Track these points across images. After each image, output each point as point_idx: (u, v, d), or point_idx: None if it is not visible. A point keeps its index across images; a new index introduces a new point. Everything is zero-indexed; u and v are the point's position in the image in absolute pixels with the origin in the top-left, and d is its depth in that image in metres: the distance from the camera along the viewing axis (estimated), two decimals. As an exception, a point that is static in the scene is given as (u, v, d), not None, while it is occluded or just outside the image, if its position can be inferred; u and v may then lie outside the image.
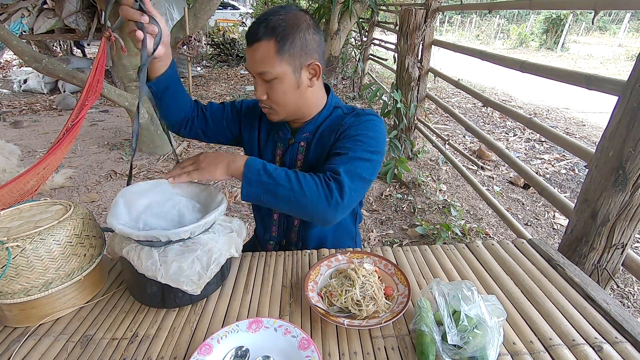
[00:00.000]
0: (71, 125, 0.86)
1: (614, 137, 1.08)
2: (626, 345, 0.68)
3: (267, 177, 0.78)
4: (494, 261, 0.94)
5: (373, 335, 0.72)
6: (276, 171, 0.79)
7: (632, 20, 15.06)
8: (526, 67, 1.73)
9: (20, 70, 6.60)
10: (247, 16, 11.73)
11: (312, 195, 0.77)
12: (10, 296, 0.72)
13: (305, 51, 0.84)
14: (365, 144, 0.87)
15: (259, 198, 0.79)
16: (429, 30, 2.97)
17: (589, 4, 1.47)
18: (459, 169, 2.76)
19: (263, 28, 0.81)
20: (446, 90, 6.50)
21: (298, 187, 0.77)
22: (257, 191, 0.78)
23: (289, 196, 0.77)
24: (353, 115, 0.95)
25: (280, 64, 0.82)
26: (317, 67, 0.87)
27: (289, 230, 1.06)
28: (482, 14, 17.29)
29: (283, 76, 0.84)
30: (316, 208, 0.77)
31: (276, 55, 0.81)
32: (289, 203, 0.78)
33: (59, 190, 2.91)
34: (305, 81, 0.88)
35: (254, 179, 0.78)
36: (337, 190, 0.78)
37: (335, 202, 0.77)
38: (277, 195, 0.78)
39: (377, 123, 0.92)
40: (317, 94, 0.95)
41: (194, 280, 0.72)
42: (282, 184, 0.77)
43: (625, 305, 1.84)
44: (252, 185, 0.78)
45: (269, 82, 0.85)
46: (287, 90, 0.86)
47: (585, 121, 4.86)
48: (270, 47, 0.81)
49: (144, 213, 0.81)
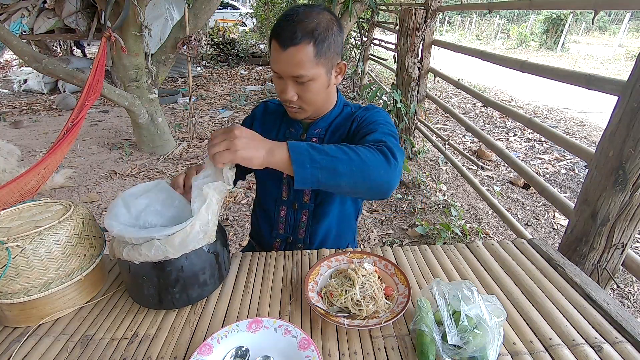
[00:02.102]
0: (71, 126, 0.86)
1: (614, 137, 1.08)
2: (626, 345, 0.68)
3: (319, 155, 0.71)
4: (494, 261, 0.94)
5: (373, 335, 0.72)
6: (325, 147, 0.73)
7: (632, 20, 15.06)
8: (526, 67, 1.73)
9: (20, 70, 6.60)
10: (247, 16, 11.73)
11: (373, 161, 0.73)
12: (10, 296, 0.72)
13: (336, 52, 0.86)
14: (384, 126, 0.90)
15: (317, 180, 0.71)
16: (429, 30, 2.97)
17: (589, 4, 1.47)
18: (459, 169, 2.76)
19: (300, 31, 0.79)
20: (446, 90, 6.50)
21: (356, 157, 0.72)
22: (313, 173, 0.70)
23: (350, 168, 0.71)
24: (363, 109, 0.99)
25: (317, 67, 0.83)
26: (343, 66, 0.91)
27: (296, 226, 1.06)
28: (482, 14, 17.29)
29: (318, 77, 0.85)
30: (380, 173, 0.73)
31: (314, 58, 0.81)
32: (351, 176, 0.72)
33: (59, 190, 2.91)
34: (333, 80, 0.91)
35: (306, 160, 0.70)
36: (389, 153, 0.76)
37: (394, 164, 0.75)
38: (336, 171, 0.71)
39: (387, 115, 0.98)
40: (333, 92, 0.99)
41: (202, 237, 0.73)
42: (338, 157, 0.72)
43: (625, 305, 1.84)
44: (306, 168, 0.70)
45: (303, 84, 0.85)
46: (320, 90, 0.88)
47: (585, 121, 4.86)
48: (309, 51, 0.80)
49: (144, 212, 0.81)
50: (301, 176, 0.70)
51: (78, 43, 7.08)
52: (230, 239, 2.36)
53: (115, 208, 0.77)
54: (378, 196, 0.79)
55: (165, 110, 4.95)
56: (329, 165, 0.71)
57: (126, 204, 0.80)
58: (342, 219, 1.07)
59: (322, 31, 0.81)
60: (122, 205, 0.79)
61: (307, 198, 1.03)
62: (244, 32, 10.32)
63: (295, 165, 0.70)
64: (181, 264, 0.74)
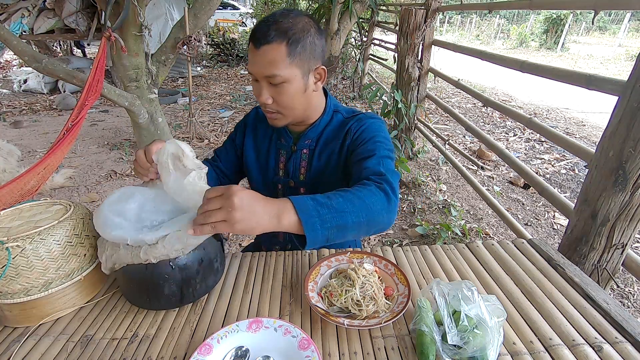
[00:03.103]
0: (71, 125, 0.86)
1: (614, 137, 1.08)
2: (626, 345, 0.68)
3: (328, 213, 0.67)
4: (494, 261, 0.94)
5: (373, 335, 0.72)
6: (330, 200, 0.69)
7: (632, 20, 15.06)
8: (526, 67, 1.73)
9: (20, 70, 6.60)
10: (247, 16, 11.74)
11: (376, 205, 0.72)
12: (10, 296, 0.72)
13: (313, 55, 0.84)
14: (382, 144, 0.89)
15: (327, 239, 0.68)
16: (429, 30, 2.97)
17: (589, 4, 1.47)
18: (459, 169, 2.76)
19: (274, 30, 0.79)
20: (446, 90, 6.50)
21: (361, 205, 0.70)
22: (324, 233, 0.66)
23: (358, 220, 0.69)
24: (356, 120, 0.95)
25: (290, 67, 0.81)
26: (322, 72, 0.88)
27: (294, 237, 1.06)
28: (482, 14, 17.28)
29: (292, 79, 0.83)
30: (383, 216, 0.72)
31: (287, 58, 0.80)
32: (359, 227, 0.70)
33: (59, 190, 2.91)
34: (311, 85, 0.88)
35: (316, 222, 0.66)
36: (390, 189, 0.75)
37: (394, 201, 0.75)
38: (346, 226, 0.68)
39: (382, 124, 0.96)
40: (320, 98, 0.96)
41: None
42: (346, 210, 0.68)
43: (625, 305, 1.84)
44: (316, 230, 0.66)
45: (277, 86, 0.83)
46: (296, 94, 0.86)
47: (585, 121, 4.86)
48: (281, 50, 0.79)
49: (143, 212, 0.78)
50: (312, 240, 0.66)
51: (78, 43, 7.08)
52: (230, 239, 2.36)
53: (108, 220, 0.72)
54: (380, 231, 0.78)
55: (165, 110, 4.95)
56: (338, 223, 0.67)
57: (117, 212, 0.75)
58: None
59: (296, 32, 0.80)
60: (113, 215, 0.74)
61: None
62: (244, 32, 10.32)
63: (306, 229, 0.65)
64: (180, 263, 0.74)
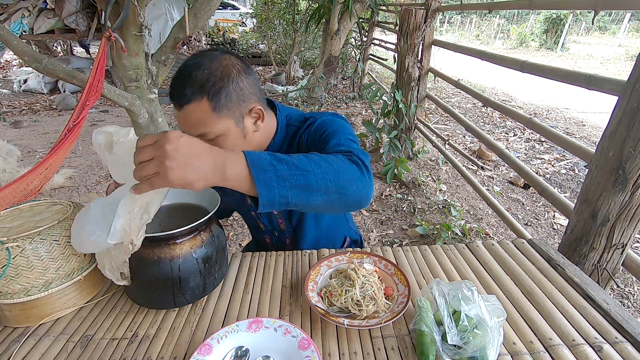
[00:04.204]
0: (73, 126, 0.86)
1: (614, 137, 1.08)
2: (626, 345, 0.68)
3: (288, 170, 0.58)
4: (494, 261, 0.94)
5: (373, 335, 0.72)
6: (292, 158, 0.60)
7: (632, 20, 15.06)
8: (526, 67, 1.72)
9: (20, 70, 6.60)
10: (247, 16, 11.74)
11: (347, 173, 0.63)
12: (10, 296, 0.72)
13: (242, 99, 0.76)
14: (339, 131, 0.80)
15: (287, 201, 0.58)
16: (429, 30, 2.97)
17: (589, 4, 1.47)
18: (459, 169, 2.76)
19: (189, 88, 0.71)
20: (446, 90, 6.50)
21: (330, 169, 0.61)
22: (282, 193, 0.57)
23: (325, 183, 0.60)
24: (306, 126, 0.88)
25: (220, 121, 0.73)
26: (259, 111, 0.80)
27: (284, 247, 1.07)
28: (482, 14, 17.29)
29: (227, 131, 0.75)
30: (357, 187, 0.63)
31: (213, 112, 0.72)
32: (326, 192, 0.60)
33: (59, 190, 2.91)
34: (250, 128, 0.80)
35: (271, 178, 0.56)
36: (361, 163, 0.67)
37: (367, 174, 0.66)
38: (310, 189, 0.59)
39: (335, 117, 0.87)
40: (267, 128, 0.86)
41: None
42: (310, 170, 0.59)
43: (625, 305, 1.84)
44: (272, 187, 0.56)
45: (213, 140, 0.75)
46: (236, 142, 0.78)
47: (585, 121, 4.86)
48: (203, 107, 0.71)
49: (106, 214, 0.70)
50: (267, 198, 0.56)
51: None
52: (230, 239, 2.36)
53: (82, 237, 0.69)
54: (353, 210, 0.70)
55: (165, 110, 4.95)
56: (299, 182, 0.58)
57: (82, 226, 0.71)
58: (328, 226, 1.07)
59: (215, 82, 0.71)
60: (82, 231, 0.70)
61: (282, 225, 1.02)
62: (244, 32, 10.32)
63: (258, 184, 0.55)
64: (178, 262, 0.74)
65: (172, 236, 0.73)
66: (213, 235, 0.81)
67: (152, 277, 0.74)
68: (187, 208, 0.89)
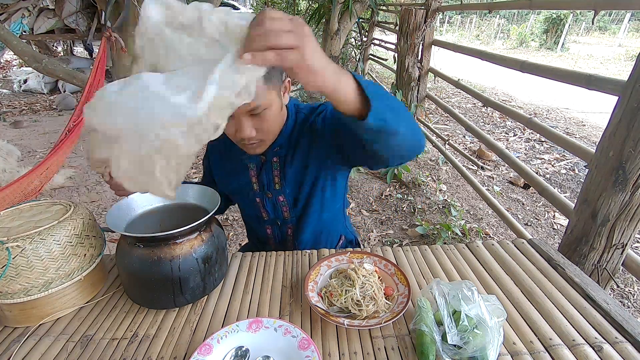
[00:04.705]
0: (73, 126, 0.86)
1: (614, 137, 1.08)
2: (626, 345, 0.68)
3: (381, 90, 0.60)
4: (494, 261, 0.94)
5: (373, 335, 0.72)
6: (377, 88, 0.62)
7: (632, 20, 15.07)
8: (526, 67, 1.73)
9: (20, 70, 6.60)
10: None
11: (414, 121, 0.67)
12: (10, 296, 0.72)
13: (280, 70, 0.78)
14: None
15: (385, 117, 0.59)
16: (429, 30, 2.97)
17: (589, 4, 1.48)
18: (459, 169, 2.76)
19: None
20: (446, 90, 6.50)
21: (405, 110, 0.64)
22: (382, 107, 0.58)
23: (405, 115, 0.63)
24: (316, 113, 0.92)
25: (269, 93, 0.76)
26: (288, 84, 0.84)
27: (284, 240, 1.07)
28: (482, 14, 17.29)
29: (272, 103, 0.78)
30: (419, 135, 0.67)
31: (264, 84, 0.73)
32: (406, 125, 0.62)
33: (59, 190, 2.91)
34: (284, 100, 0.84)
35: (375, 93, 0.57)
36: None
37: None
38: (398, 116, 0.61)
39: None
40: (284, 108, 0.90)
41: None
42: (397, 104, 0.63)
43: (625, 305, 1.84)
44: (378, 99, 0.57)
45: (258, 115, 0.76)
46: (276, 115, 0.81)
47: (585, 121, 4.86)
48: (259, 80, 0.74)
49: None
50: (376, 108, 0.56)
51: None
52: (230, 239, 2.36)
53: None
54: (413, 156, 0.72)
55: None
56: (390, 103, 0.60)
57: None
58: (328, 220, 1.07)
59: None
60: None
61: (286, 214, 1.02)
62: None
63: (370, 96, 0.56)
64: (178, 262, 0.74)
65: (172, 236, 0.73)
66: (213, 235, 0.81)
67: (152, 277, 0.74)
68: (187, 208, 0.89)
